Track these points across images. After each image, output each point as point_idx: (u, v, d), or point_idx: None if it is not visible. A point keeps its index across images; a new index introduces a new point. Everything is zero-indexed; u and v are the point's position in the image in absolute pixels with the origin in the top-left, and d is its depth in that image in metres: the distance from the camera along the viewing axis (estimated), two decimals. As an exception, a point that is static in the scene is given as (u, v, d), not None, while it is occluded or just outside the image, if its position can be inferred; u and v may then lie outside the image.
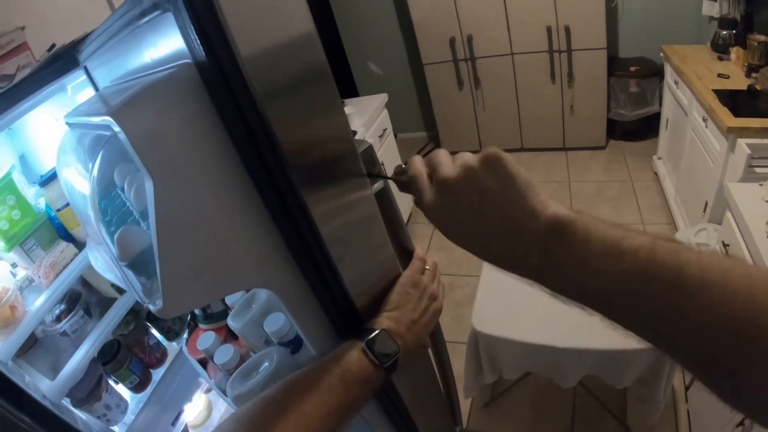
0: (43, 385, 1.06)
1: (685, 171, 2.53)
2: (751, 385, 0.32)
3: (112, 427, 1.26)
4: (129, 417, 1.30)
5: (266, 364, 0.64)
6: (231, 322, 0.72)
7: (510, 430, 1.98)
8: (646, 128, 3.39)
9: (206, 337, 0.76)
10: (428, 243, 3.09)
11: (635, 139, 3.51)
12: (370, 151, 0.60)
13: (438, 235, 3.14)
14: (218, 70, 0.41)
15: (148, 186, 0.43)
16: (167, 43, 0.47)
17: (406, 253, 0.68)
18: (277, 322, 0.66)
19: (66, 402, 1.15)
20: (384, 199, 0.60)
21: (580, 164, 3.46)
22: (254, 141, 0.44)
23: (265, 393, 0.51)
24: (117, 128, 0.42)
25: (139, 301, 0.55)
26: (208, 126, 0.45)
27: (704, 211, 2.17)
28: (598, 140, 3.51)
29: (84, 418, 1.19)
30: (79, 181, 0.66)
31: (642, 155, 3.33)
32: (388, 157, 2.90)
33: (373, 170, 0.58)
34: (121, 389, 1.32)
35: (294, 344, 0.68)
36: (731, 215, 1.55)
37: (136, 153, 0.42)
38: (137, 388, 1.32)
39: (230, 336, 0.86)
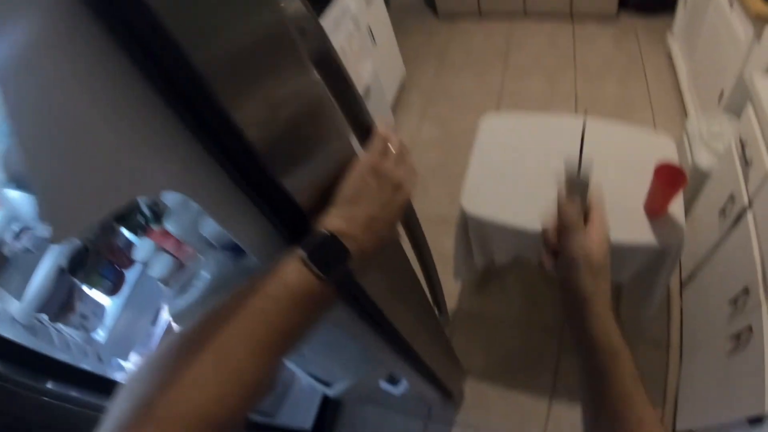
0: (12, 308, 1.02)
1: (701, 54, 2.29)
2: None
3: (92, 335, 1.24)
4: (109, 322, 1.27)
5: (203, 273, 0.55)
6: (168, 226, 0.62)
7: (501, 311, 2.00)
8: (662, 1, 3.06)
9: (142, 246, 0.66)
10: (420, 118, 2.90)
11: (649, 12, 3.18)
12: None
13: (433, 106, 2.94)
14: None
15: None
16: None
17: (363, 131, 0.55)
18: (213, 223, 0.56)
19: (44, 319, 1.12)
20: (326, 64, 0.46)
21: (587, 38, 3.17)
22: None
23: (184, 327, 0.41)
24: None
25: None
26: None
27: (719, 100, 1.99)
28: (609, 8, 3.19)
29: (64, 332, 1.16)
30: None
31: (655, 32, 3.03)
32: (377, 26, 2.55)
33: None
34: (96, 295, 1.27)
35: (237, 248, 0.58)
36: (752, 109, 1.38)
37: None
38: (112, 290, 1.27)
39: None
